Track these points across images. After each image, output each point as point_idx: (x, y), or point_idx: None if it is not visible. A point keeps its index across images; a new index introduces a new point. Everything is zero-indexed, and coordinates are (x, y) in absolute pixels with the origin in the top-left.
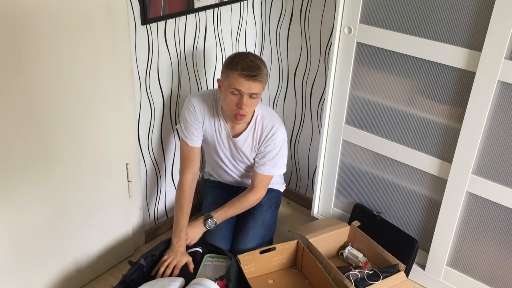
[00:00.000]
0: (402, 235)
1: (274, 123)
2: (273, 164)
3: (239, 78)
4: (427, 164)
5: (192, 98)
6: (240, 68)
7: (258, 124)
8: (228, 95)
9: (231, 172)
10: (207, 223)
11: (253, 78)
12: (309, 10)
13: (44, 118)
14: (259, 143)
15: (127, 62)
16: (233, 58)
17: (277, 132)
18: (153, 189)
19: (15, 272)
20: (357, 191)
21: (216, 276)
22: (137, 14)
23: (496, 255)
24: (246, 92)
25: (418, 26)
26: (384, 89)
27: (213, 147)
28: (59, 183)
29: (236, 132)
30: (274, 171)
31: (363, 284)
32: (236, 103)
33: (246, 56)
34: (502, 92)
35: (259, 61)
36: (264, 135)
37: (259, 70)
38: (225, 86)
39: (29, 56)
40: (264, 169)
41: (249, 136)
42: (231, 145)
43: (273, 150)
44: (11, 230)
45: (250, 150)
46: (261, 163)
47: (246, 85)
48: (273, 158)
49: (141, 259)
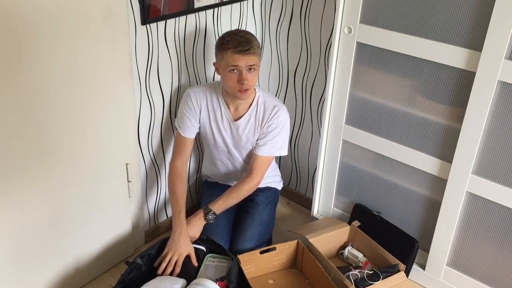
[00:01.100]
0: (402, 235)
1: (276, 103)
2: (273, 144)
3: (233, 55)
4: (427, 164)
5: (190, 90)
6: (232, 46)
7: (260, 104)
8: (228, 74)
9: (230, 169)
10: (207, 217)
11: (247, 52)
12: (309, 10)
13: (44, 118)
14: (262, 124)
15: (127, 62)
16: (223, 38)
17: (280, 110)
18: (153, 189)
19: (15, 272)
20: (357, 191)
21: (217, 277)
22: (137, 14)
23: (496, 255)
24: (244, 66)
25: (418, 26)
26: (384, 89)
27: (213, 139)
28: (59, 183)
29: (238, 115)
30: (273, 151)
31: (363, 284)
32: (237, 80)
33: (234, 33)
34: (502, 92)
35: (249, 35)
36: (267, 114)
37: (250, 43)
38: (222, 67)
39: (29, 56)
40: (264, 149)
41: (251, 118)
42: (233, 131)
43: (275, 129)
44: (11, 230)
45: (253, 132)
46: (261, 143)
47: (242, 60)
48: (274, 137)
49: (137, 258)
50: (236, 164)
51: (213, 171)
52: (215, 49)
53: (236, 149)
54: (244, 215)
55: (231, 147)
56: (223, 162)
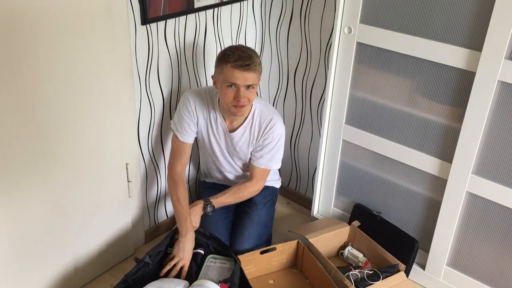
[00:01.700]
0: (402, 235)
1: (272, 117)
2: (270, 157)
3: (232, 70)
4: (427, 164)
5: (188, 93)
6: (233, 60)
7: (255, 118)
8: (225, 89)
9: (227, 173)
10: (206, 209)
11: (247, 67)
12: (309, 10)
13: (44, 118)
14: (257, 138)
15: (127, 62)
16: (224, 52)
17: (276, 125)
18: (153, 189)
19: (15, 272)
20: (357, 191)
21: (220, 279)
22: (137, 14)
23: (496, 255)
24: (241, 84)
25: (418, 26)
26: (384, 89)
27: (209, 145)
28: (59, 183)
29: (233, 127)
30: (271, 164)
31: (363, 284)
32: (234, 96)
33: (236, 48)
34: (502, 92)
35: (250, 51)
36: (262, 129)
37: (251, 59)
38: (220, 82)
39: (29, 56)
40: (261, 162)
41: (246, 131)
42: (228, 141)
43: (271, 143)
44: (11, 230)
45: (247, 145)
46: (258, 156)
47: (240, 76)
48: (270, 151)
49: (147, 256)
50: (232, 170)
51: (211, 173)
52: (216, 62)
53: (232, 157)
54: (243, 215)
55: (227, 154)
56: (220, 167)
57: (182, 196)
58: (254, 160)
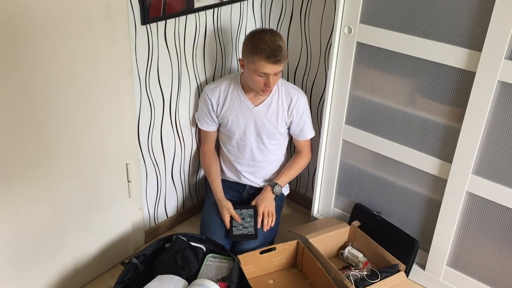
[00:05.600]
0: (402, 235)
1: (295, 89)
2: (309, 126)
3: (265, 64)
4: (427, 164)
5: (207, 89)
6: (265, 54)
7: (281, 89)
8: (255, 76)
9: (255, 152)
10: (274, 189)
11: (278, 61)
12: (309, 10)
13: (43, 118)
14: (288, 110)
15: (127, 62)
16: (255, 42)
17: (300, 95)
18: (153, 189)
19: (14, 272)
20: (357, 191)
21: (219, 277)
22: (137, 14)
23: (496, 255)
24: (271, 73)
25: (418, 26)
26: (384, 89)
27: (238, 129)
28: (59, 183)
29: (257, 102)
30: (312, 133)
31: (363, 284)
32: (263, 83)
33: (266, 40)
34: (502, 92)
35: (279, 39)
36: (289, 101)
37: (281, 51)
38: (250, 69)
39: (29, 56)
40: (303, 134)
41: (272, 102)
42: (256, 117)
43: (304, 112)
44: (10, 230)
45: (276, 117)
46: (298, 130)
47: (271, 68)
48: (305, 120)
49: (133, 258)
50: (263, 148)
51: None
52: (244, 47)
53: (262, 136)
54: None
55: (256, 134)
56: (252, 147)
57: (215, 171)
58: (298, 135)
